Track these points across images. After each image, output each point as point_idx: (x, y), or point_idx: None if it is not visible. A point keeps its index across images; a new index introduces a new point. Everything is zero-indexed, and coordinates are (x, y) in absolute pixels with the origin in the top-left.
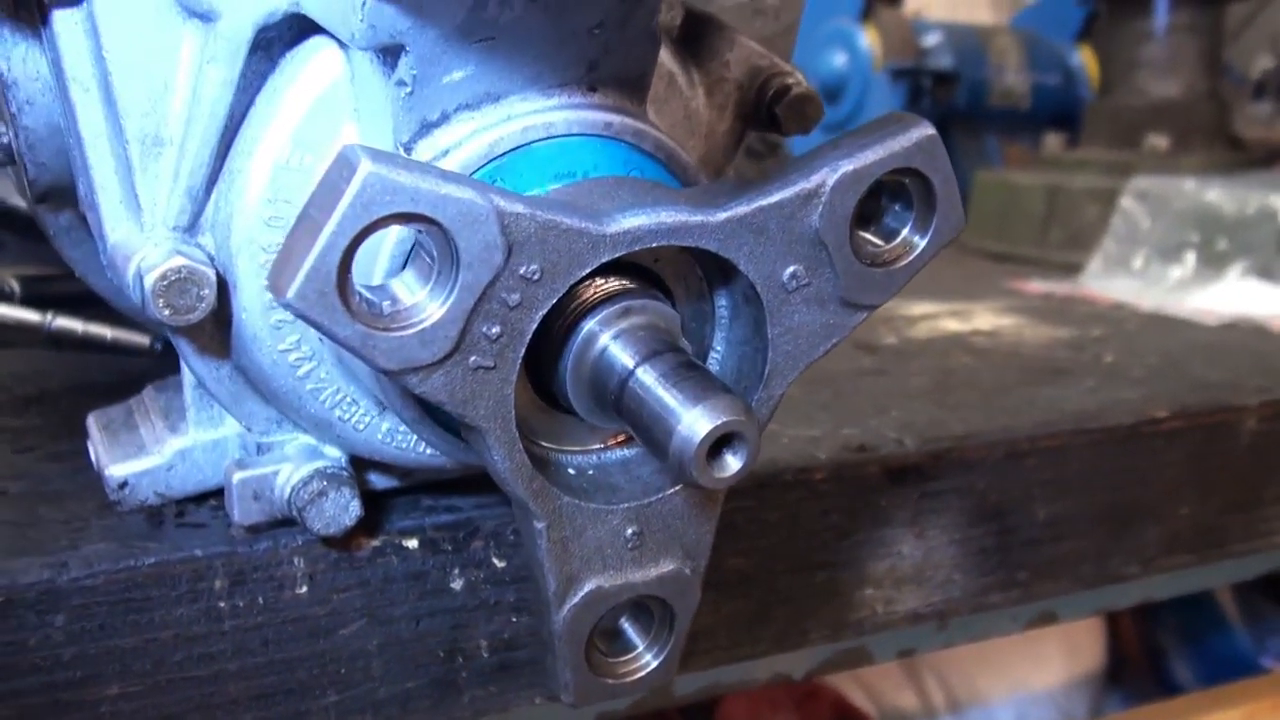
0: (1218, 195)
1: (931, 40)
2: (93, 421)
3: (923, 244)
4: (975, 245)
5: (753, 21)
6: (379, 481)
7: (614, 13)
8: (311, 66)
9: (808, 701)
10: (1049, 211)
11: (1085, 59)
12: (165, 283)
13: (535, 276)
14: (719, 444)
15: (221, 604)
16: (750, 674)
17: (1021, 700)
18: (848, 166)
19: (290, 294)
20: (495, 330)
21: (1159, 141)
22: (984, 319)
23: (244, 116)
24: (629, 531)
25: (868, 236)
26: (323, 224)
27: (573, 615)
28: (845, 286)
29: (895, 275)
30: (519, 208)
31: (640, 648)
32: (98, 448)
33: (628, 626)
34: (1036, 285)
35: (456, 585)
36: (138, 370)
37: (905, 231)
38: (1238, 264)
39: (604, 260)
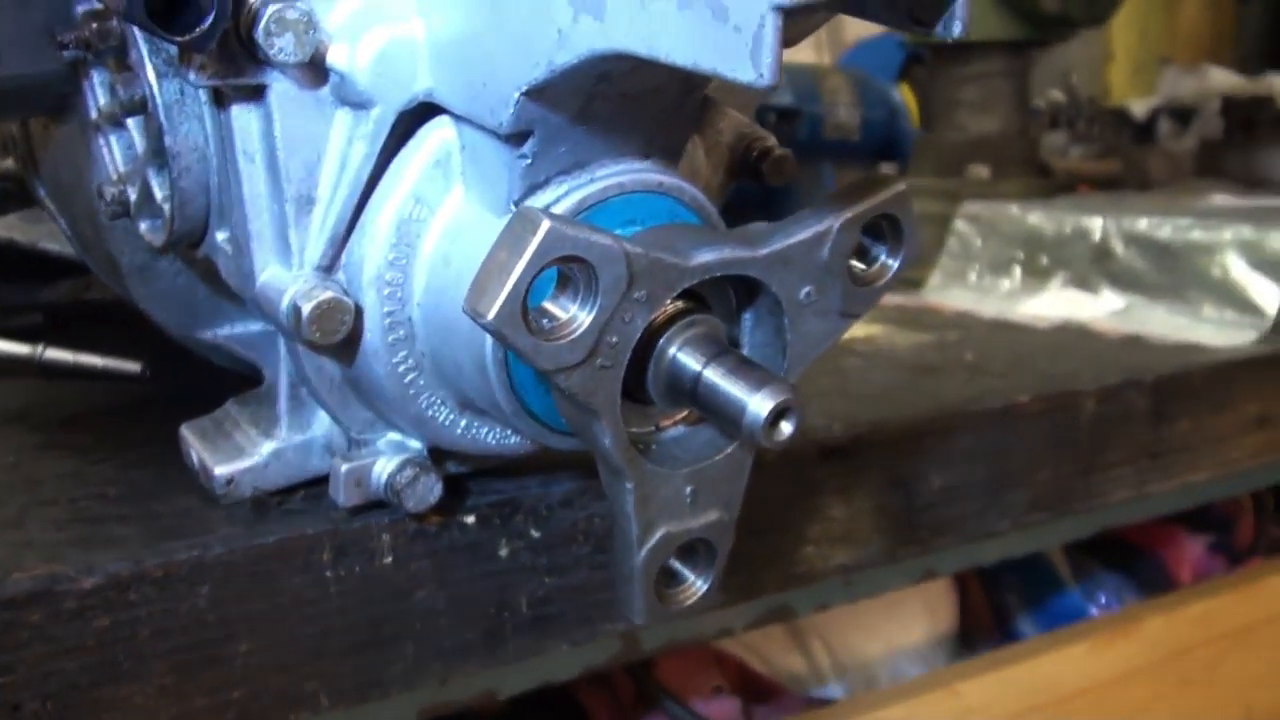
0: (1038, 218)
1: None
2: (187, 432)
3: (895, 267)
4: None
5: (732, 93)
6: (450, 468)
7: (672, 104)
8: (431, 139)
9: (721, 663)
10: None
11: (905, 96)
12: (319, 311)
13: (643, 299)
14: (777, 416)
15: (328, 573)
16: (701, 628)
17: (894, 656)
18: (849, 214)
19: (490, 317)
20: (614, 339)
21: (980, 171)
22: (857, 329)
23: (378, 179)
24: (688, 490)
25: (855, 263)
26: (513, 266)
27: (649, 555)
28: (843, 301)
29: (876, 290)
30: (638, 249)
31: (690, 579)
32: (200, 452)
33: (677, 564)
34: (887, 298)
35: (503, 553)
36: (139, 394)
37: (883, 258)
38: (1058, 276)
39: (687, 285)
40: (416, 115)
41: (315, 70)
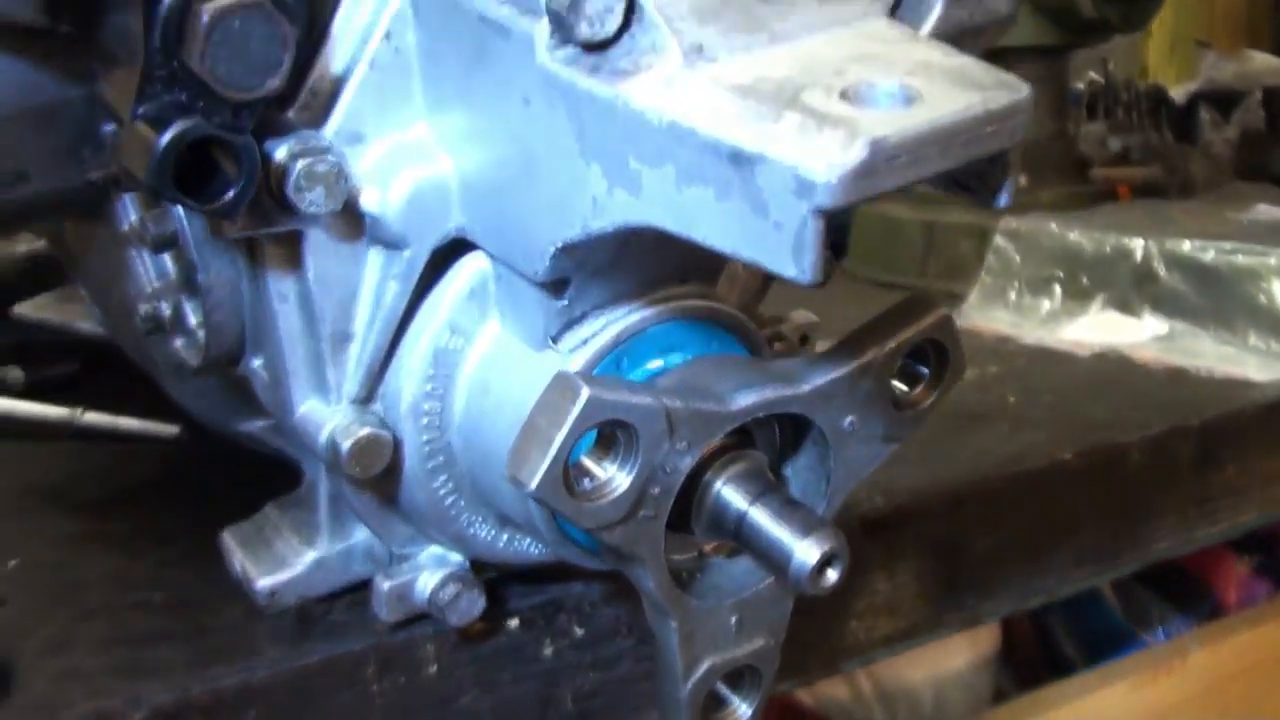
0: (1078, 235)
1: None
2: (229, 539)
3: (938, 391)
4: (862, 274)
5: None
6: (492, 574)
7: None
8: (465, 270)
9: None
10: (927, 245)
11: None
12: (358, 448)
13: (684, 448)
14: (823, 565)
15: (374, 687)
16: None
17: (938, 681)
18: (891, 344)
19: (533, 486)
20: (657, 490)
21: (1018, 178)
22: None
23: (413, 312)
24: (733, 619)
25: (897, 384)
26: (553, 435)
27: (694, 688)
28: (887, 427)
29: (921, 415)
30: (678, 403)
31: (736, 703)
32: (244, 563)
33: (724, 689)
34: None
35: (547, 652)
36: (175, 461)
37: (924, 382)
38: (1099, 297)
39: (728, 430)
40: (450, 248)
41: (347, 216)
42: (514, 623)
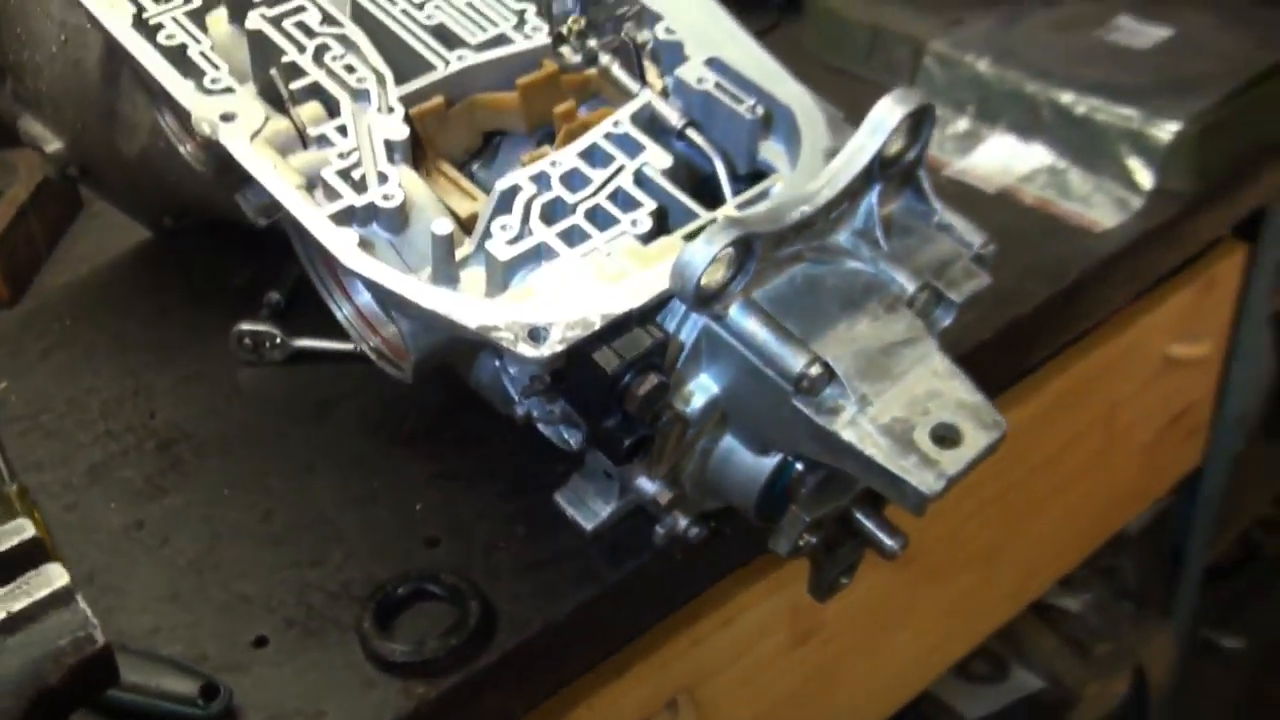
0: (986, 68)
1: None
2: (560, 499)
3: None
4: (815, 55)
5: None
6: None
7: None
8: None
9: None
10: (871, 45)
11: None
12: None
13: None
14: None
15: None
16: None
17: None
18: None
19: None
20: None
21: None
22: None
23: None
24: None
25: None
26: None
27: None
28: None
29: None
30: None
31: None
32: (573, 515)
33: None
34: None
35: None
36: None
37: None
38: (1001, 122)
39: None
40: None
41: None
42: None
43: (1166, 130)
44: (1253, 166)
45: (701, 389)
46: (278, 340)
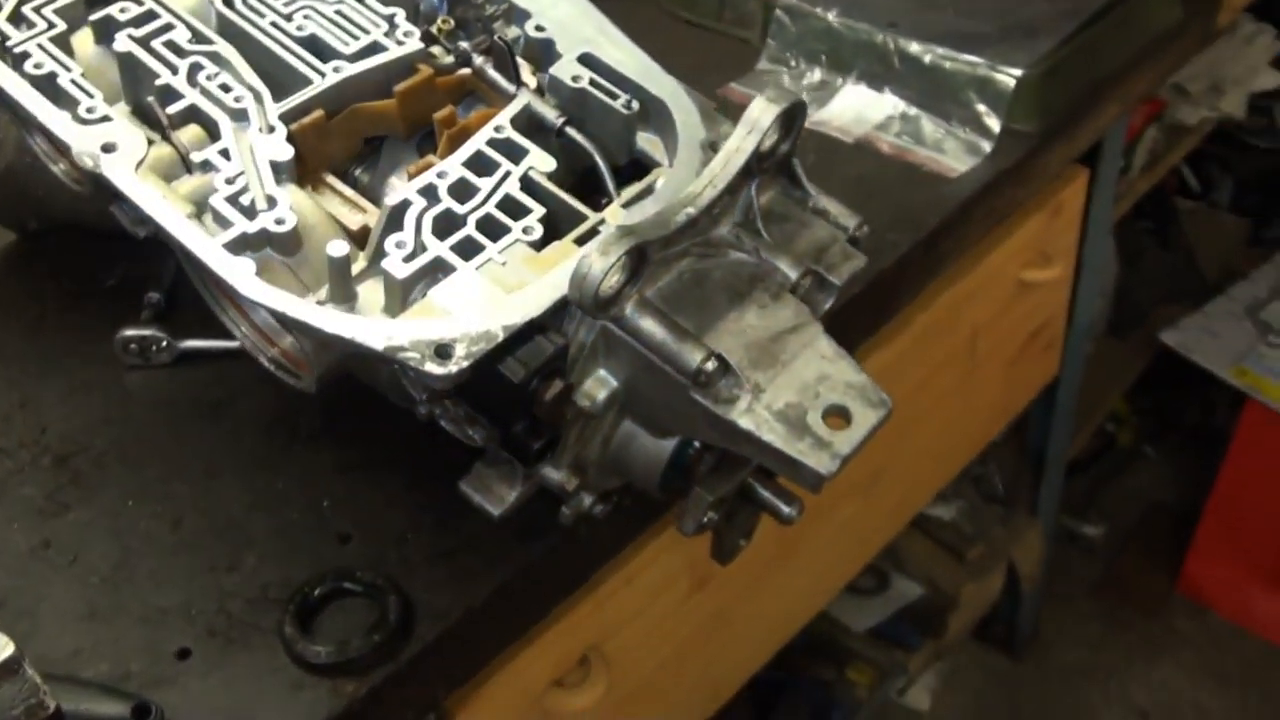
0: (835, 20)
1: None
2: (465, 487)
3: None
4: (670, 10)
5: None
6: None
7: None
8: None
9: None
10: (723, 1)
11: None
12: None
13: None
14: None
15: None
16: None
17: None
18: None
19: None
20: None
21: None
22: None
23: None
24: None
25: None
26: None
27: None
28: None
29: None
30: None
31: None
32: (480, 501)
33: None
34: (736, 92)
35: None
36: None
37: None
38: (854, 72)
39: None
40: None
41: None
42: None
43: (1010, 75)
44: (1091, 101)
45: (602, 383)
46: (164, 344)
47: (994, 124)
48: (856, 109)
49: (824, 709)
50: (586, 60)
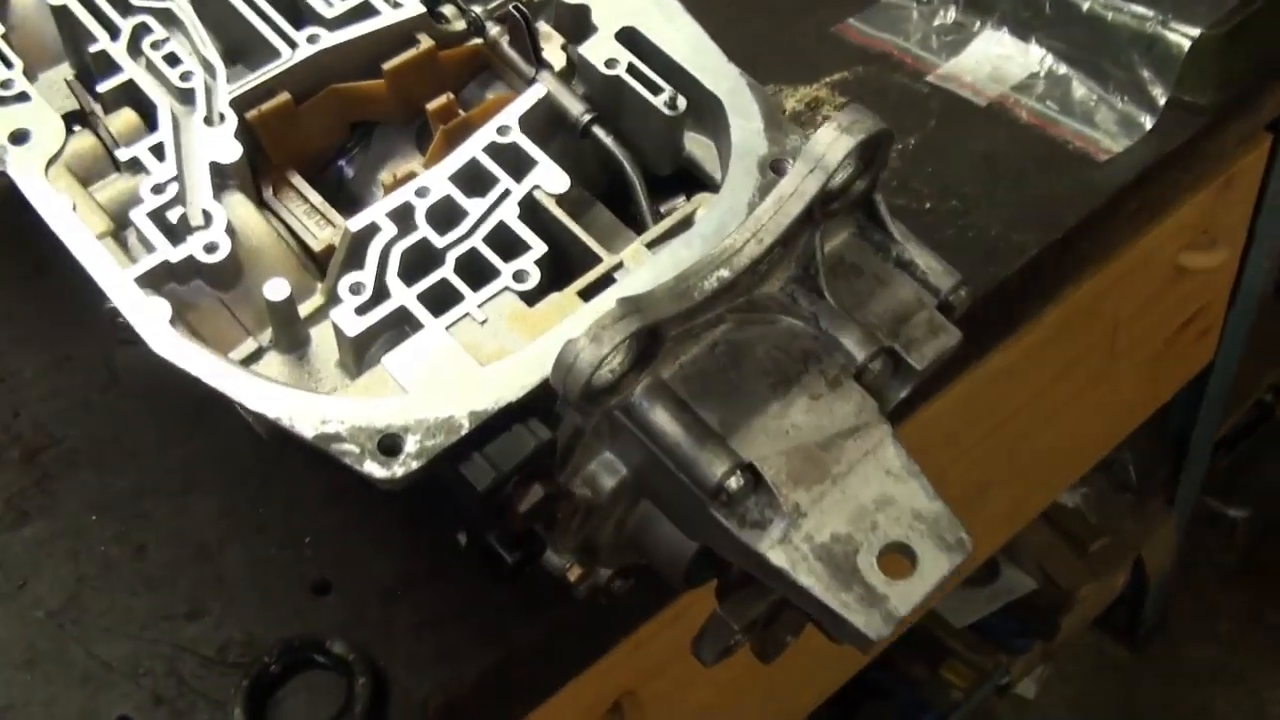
0: None
1: None
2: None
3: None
4: None
5: None
6: None
7: None
8: None
9: None
10: None
11: None
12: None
13: None
14: None
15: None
16: None
17: None
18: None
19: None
20: None
21: None
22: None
23: None
24: None
25: None
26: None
27: None
28: None
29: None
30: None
31: None
32: None
33: None
34: (854, 31)
35: None
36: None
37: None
38: (995, 14)
39: None
40: None
41: None
42: None
43: (1186, 35)
44: (1276, 71)
45: (607, 470)
46: None
47: (1159, 94)
48: (994, 61)
49: (915, 710)
50: (627, 38)
